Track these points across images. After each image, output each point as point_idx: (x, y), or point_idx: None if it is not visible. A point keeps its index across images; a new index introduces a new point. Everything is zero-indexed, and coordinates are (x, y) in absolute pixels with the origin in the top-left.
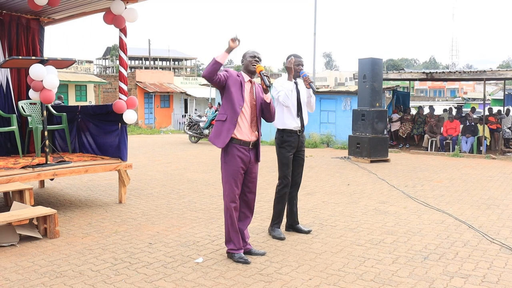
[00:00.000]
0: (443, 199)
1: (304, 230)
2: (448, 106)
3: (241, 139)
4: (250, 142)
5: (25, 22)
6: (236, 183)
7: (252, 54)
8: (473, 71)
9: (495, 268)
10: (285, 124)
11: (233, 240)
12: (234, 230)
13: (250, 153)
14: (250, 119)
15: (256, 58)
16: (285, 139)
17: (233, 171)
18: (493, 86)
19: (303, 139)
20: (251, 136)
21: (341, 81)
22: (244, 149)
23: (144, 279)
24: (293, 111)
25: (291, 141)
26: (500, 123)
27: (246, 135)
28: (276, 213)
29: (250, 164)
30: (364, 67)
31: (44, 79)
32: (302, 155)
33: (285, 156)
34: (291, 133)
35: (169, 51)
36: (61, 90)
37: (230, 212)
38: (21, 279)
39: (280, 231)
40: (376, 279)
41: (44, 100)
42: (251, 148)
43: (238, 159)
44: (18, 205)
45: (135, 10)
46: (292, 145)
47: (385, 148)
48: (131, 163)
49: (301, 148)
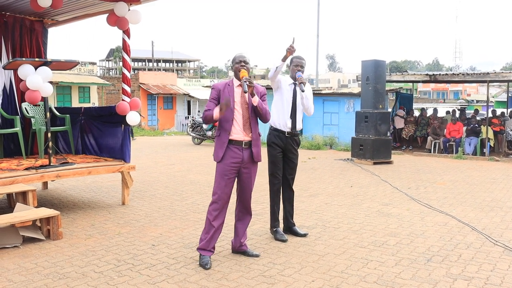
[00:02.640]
0: (446, 201)
1: (300, 233)
2: (451, 108)
3: (233, 139)
4: (243, 142)
5: (28, 24)
6: (225, 182)
7: (238, 59)
8: (477, 73)
9: (498, 270)
10: (275, 123)
11: (202, 241)
12: (207, 231)
13: (243, 152)
14: (243, 122)
15: (242, 63)
16: (271, 138)
17: (223, 169)
18: (497, 88)
19: (294, 142)
20: (245, 137)
21: (344, 83)
22: (237, 148)
23: (147, 281)
24: (286, 112)
25: (277, 140)
26: (503, 125)
27: (238, 135)
28: (271, 212)
29: (243, 164)
30: (367, 69)
31: (27, 78)
32: (292, 157)
33: (272, 154)
34: (277, 132)
35: (172, 52)
36: (64, 91)
37: (210, 212)
38: (24, 281)
39: (281, 232)
40: (379, 281)
41: (29, 101)
42: (245, 148)
43: (228, 158)
44: (21, 207)
45: (139, 12)
46: (278, 145)
47: (388, 150)
48: (134, 165)
49: (291, 151)
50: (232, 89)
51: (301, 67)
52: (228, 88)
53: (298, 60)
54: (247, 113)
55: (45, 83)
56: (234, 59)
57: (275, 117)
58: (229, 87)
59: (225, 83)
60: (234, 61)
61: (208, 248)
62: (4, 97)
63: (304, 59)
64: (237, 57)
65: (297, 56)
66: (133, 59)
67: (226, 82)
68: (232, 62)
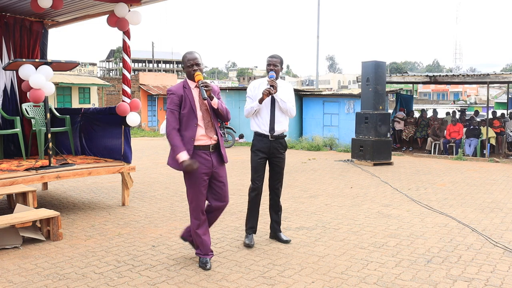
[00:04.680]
0: (446, 202)
1: (283, 239)
2: (451, 109)
3: (199, 145)
4: (210, 146)
5: (29, 24)
6: (199, 189)
7: (189, 62)
8: (477, 74)
9: (498, 271)
10: (255, 127)
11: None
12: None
13: (211, 156)
14: (205, 124)
15: (194, 66)
16: (255, 142)
17: (195, 177)
18: (497, 89)
19: (279, 145)
20: (210, 140)
21: (344, 84)
22: (205, 153)
23: (147, 282)
24: (266, 115)
25: (260, 145)
26: (504, 127)
27: (204, 140)
28: (246, 218)
29: (214, 168)
30: (368, 70)
31: (30, 77)
32: (278, 162)
33: (253, 160)
34: (261, 137)
35: (172, 53)
36: (64, 92)
37: (197, 219)
38: (24, 282)
39: (251, 237)
40: (379, 282)
41: (33, 100)
42: (212, 152)
43: (199, 166)
44: (22, 207)
45: (139, 13)
46: (261, 150)
47: (388, 151)
48: (134, 166)
49: (275, 155)
50: (191, 92)
51: (274, 66)
52: (186, 91)
53: (270, 58)
54: (208, 115)
55: (48, 82)
56: (184, 61)
57: (256, 122)
58: (187, 89)
59: (181, 86)
60: (184, 62)
61: (206, 252)
62: (5, 98)
63: (279, 57)
64: (188, 59)
65: (270, 55)
66: (133, 60)
67: (181, 85)
68: (182, 63)
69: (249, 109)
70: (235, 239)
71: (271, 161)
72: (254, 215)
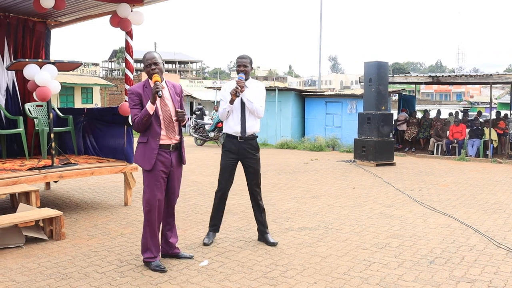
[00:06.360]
0: (449, 203)
1: (270, 242)
2: (454, 109)
3: (161, 144)
4: (170, 145)
5: (31, 25)
6: (157, 187)
7: (148, 62)
8: (480, 74)
9: (501, 273)
10: (226, 128)
11: (150, 249)
12: (152, 238)
13: (171, 156)
14: (166, 125)
15: (153, 66)
16: (225, 143)
17: (154, 175)
18: (500, 90)
19: (250, 146)
20: (171, 140)
21: (346, 84)
22: (165, 152)
23: (150, 281)
24: (236, 115)
25: (230, 146)
26: (507, 128)
27: (165, 139)
28: (210, 217)
29: (172, 168)
30: (370, 71)
31: (36, 76)
32: (251, 163)
33: (222, 161)
34: (231, 138)
35: (175, 54)
36: (67, 92)
37: (150, 219)
38: (27, 281)
39: (211, 235)
40: (382, 283)
41: (40, 98)
42: (172, 151)
43: (158, 163)
44: (24, 207)
45: (141, 13)
46: (231, 151)
47: (390, 152)
48: (137, 166)
49: (246, 156)
50: (151, 91)
51: (244, 67)
52: (147, 90)
53: (240, 59)
54: (169, 116)
55: (53, 80)
56: (144, 61)
57: (228, 123)
58: (147, 89)
59: (142, 85)
60: (144, 62)
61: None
62: (8, 98)
63: (248, 57)
64: (146, 58)
65: (239, 56)
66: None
67: (142, 84)
68: (143, 62)
69: (222, 111)
70: (238, 239)
71: (243, 163)
72: (218, 214)
